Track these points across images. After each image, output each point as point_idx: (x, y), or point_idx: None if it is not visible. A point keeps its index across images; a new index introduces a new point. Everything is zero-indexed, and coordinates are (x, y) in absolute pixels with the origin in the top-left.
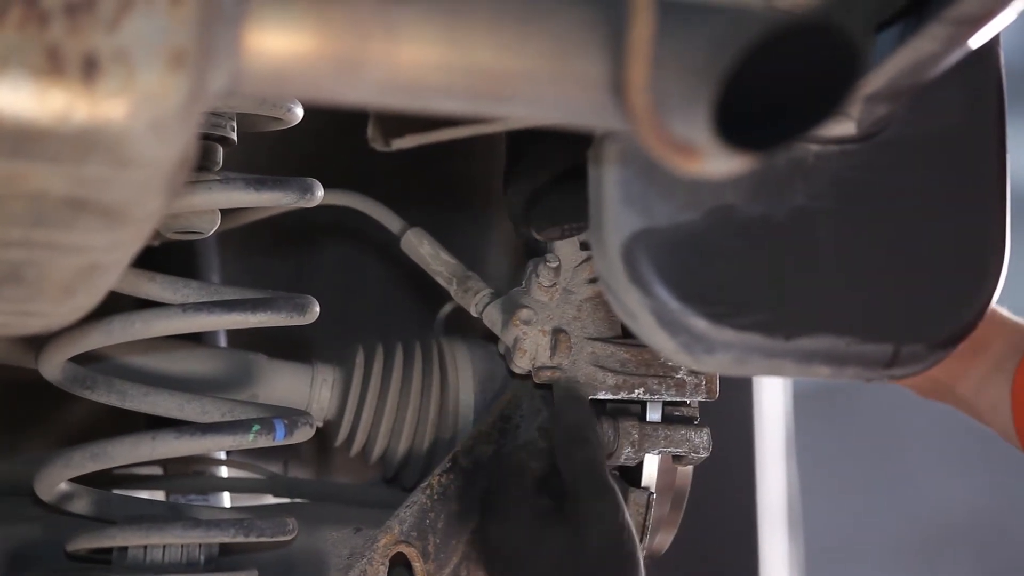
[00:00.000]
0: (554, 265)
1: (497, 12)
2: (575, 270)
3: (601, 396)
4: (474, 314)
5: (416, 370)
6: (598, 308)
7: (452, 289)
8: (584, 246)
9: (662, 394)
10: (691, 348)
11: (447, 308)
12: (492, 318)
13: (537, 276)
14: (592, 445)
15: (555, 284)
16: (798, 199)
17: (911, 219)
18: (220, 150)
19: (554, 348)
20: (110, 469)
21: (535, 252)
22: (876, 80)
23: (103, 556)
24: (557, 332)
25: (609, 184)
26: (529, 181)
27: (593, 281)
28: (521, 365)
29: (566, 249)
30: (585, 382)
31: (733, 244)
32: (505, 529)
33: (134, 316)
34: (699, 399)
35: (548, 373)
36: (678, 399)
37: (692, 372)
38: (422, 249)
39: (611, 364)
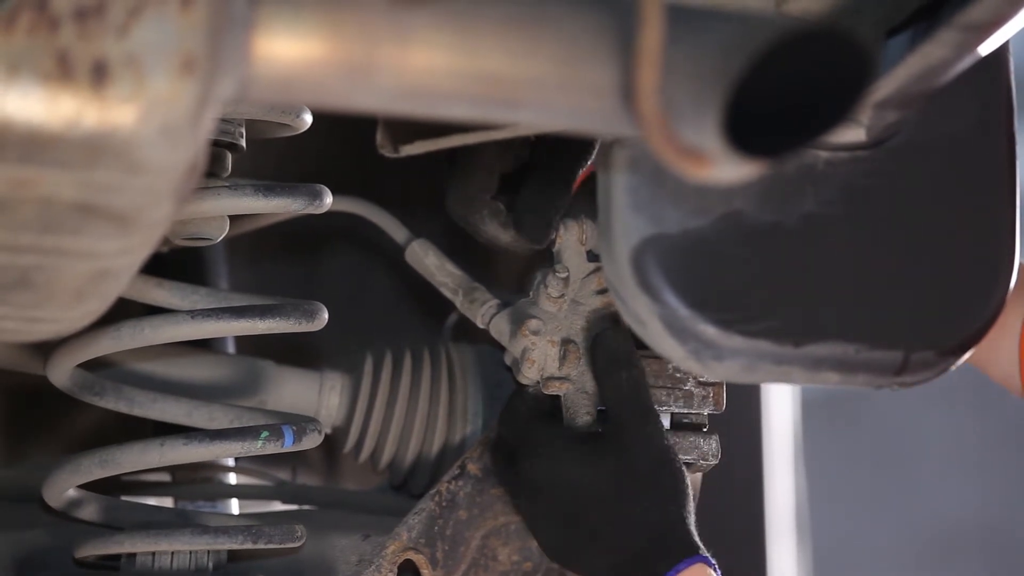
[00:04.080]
0: (563, 276)
1: (507, 18)
2: (583, 281)
3: None
4: (481, 325)
5: (425, 376)
6: (606, 320)
7: (458, 301)
8: (593, 257)
9: (670, 406)
10: (700, 355)
11: (454, 316)
12: (499, 329)
13: (545, 287)
14: (635, 367)
15: (563, 295)
16: (808, 205)
17: (921, 225)
18: (229, 156)
19: (563, 359)
20: (118, 476)
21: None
22: (886, 86)
23: (111, 563)
24: (566, 343)
25: (618, 190)
26: (542, 193)
27: (602, 292)
28: (529, 375)
29: (575, 260)
30: (594, 393)
31: (742, 250)
32: (546, 464)
33: (143, 322)
34: (706, 411)
35: (557, 384)
36: (685, 411)
37: (700, 383)
38: (427, 260)
39: None
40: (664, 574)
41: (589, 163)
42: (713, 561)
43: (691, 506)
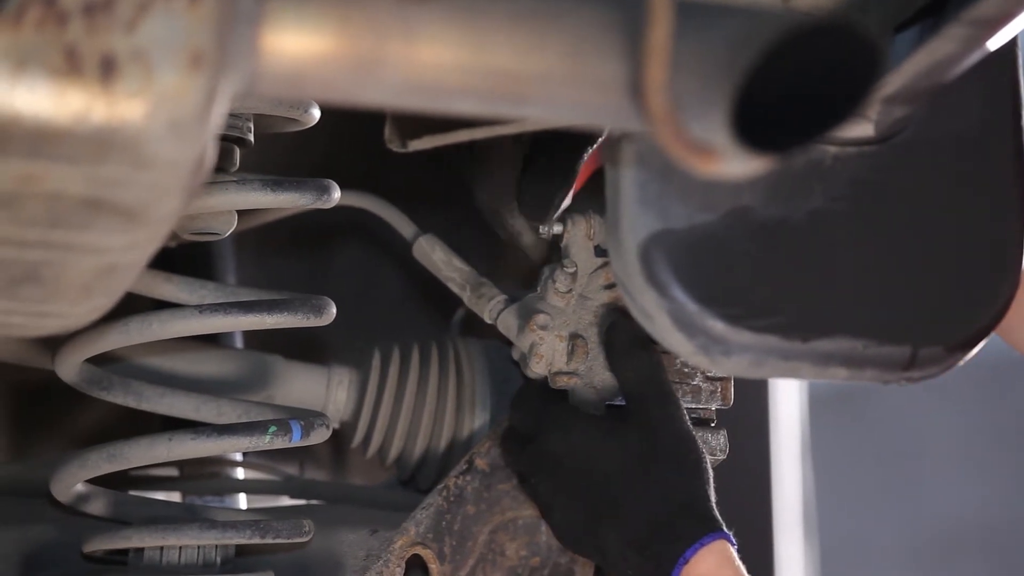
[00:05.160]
0: (571, 270)
1: (515, 13)
2: (591, 276)
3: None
4: (488, 320)
5: (432, 371)
6: (614, 314)
7: (465, 296)
8: (600, 252)
9: None
10: (708, 350)
11: (461, 311)
12: (507, 324)
13: (553, 282)
14: (654, 349)
15: (571, 290)
16: (816, 201)
17: (929, 221)
18: (237, 151)
19: (571, 353)
20: (126, 470)
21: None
22: (894, 82)
23: (119, 557)
24: (574, 338)
25: (626, 185)
26: (544, 175)
27: (609, 287)
28: (537, 370)
29: (582, 255)
30: (602, 388)
31: (750, 246)
32: (568, 436)
33: (151, 317)
34: (714, 406)
35: (565, 378)
36: (693, 406)
37: (708, 378)
38: (434, 255)
39: None
40: (686, 549)
41: (594, 147)
42: (734, 540)
43: (712, 484)
